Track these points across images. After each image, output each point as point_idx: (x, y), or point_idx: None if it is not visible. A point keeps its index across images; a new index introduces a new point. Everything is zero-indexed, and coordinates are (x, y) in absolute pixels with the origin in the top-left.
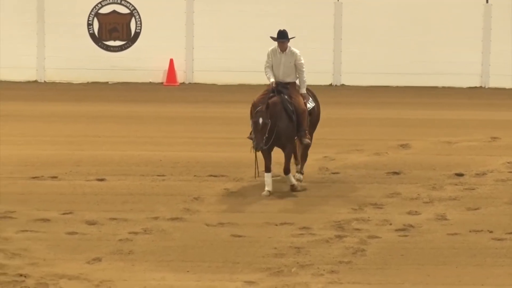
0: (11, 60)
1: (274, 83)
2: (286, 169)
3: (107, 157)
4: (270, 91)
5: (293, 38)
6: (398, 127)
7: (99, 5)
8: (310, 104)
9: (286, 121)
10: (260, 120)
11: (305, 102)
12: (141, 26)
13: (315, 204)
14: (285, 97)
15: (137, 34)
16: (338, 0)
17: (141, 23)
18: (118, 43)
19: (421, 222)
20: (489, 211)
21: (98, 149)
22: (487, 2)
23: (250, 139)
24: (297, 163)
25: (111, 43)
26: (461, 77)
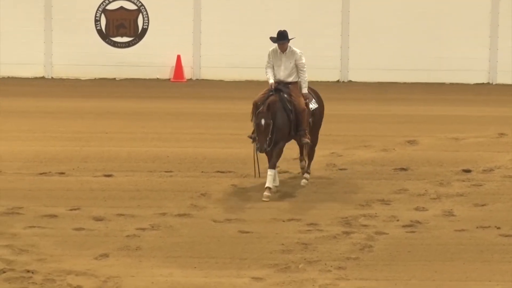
0: (18, 56)
1: (273, 85)
2: (272, 164)
3: (115, 153)
4: (270, 90)
5: (293, 38)
6: (406, 123)
7: (107, 1)
8: (313, 105)
9: (283, 119)
10: (263, 122)
11: (307, 102)
12: (148, 22)
13: (322, 200)
14: (284, 95)
15: (144, 31)
16: None
17: (148, 20)
18: (125, 39)
19: (428, 218)
20: (496, 207)
21: (105, 145)
22: None
23: (250, 138)
24: (301, 159)
25: (118, 39)
26: (468, 74)
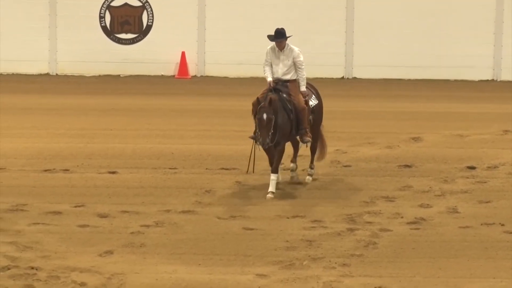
0: (23, 53)
1: (271, 83)
2: (274, 168)
3: (119, 150)
4: (268, 90)
5: (290, 36)
6: (410, 120)
7: None
8: (313, 102)
9: (283, 119)
10: (265, 116)
11: (307, 99)
12: (153, 19)
13: (326, 197)
14: (284, 95)
15: (149, 27)
16: None
17: (153, 16)
18: (130, 36)
19: (432, 215)
20: (500, 204)
21: (109, 142)
22: None
23: (252, 139)
24: (293, 161)
25: (123, 36)
26: (473, 70)
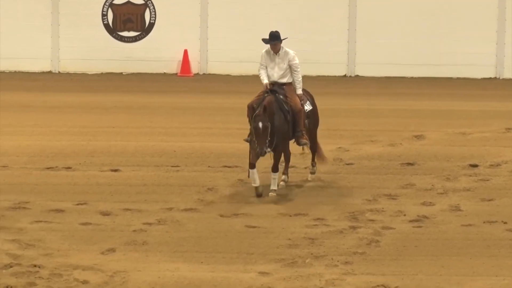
0: (25, 50)
1: (267, 85)
2: (274, 167)
3: (121, 148)
4: (265, 91)
5: (285, 39)
6: (413, 118)
7: None
8: (308, 107)
9: (280, 120)
10: (260, 125)
11: (302, 103)
12: (155, 17)
13: (329, 195)
14: (280, 97)
15: (151, 25)
16: None
17: (155, 14)
18: (132, 33)
19: (435, 213)
20: (503, 202)
21: (112, 140)
22: None
23: (246, 142)
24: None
25: (125, 33)
26: (475, 68)
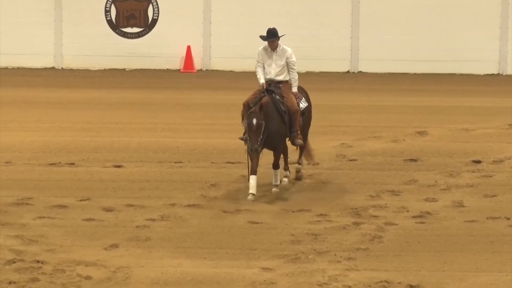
0: (29, 46)
1: (264, 84)
2: (275, 164)
3: (124, 144)
4: (261, 91)
5: (283, 36)
6: (416, 114)
7: None
8: (303, 104)
9: (277, 121)
10: (254, 121)
11: (298, 101)
12: (158, 13)
13: (332, 191)
14: (277, 97)
15: (154, 21)
16: None
17: (158, 10)
18: (135, 30)
19: (438, 209)
20: (506, 198)
21: (115, 136)
22: None
23: (241, 140)
24: (286, 168)
25: (128, 29)
26: (478, 64)
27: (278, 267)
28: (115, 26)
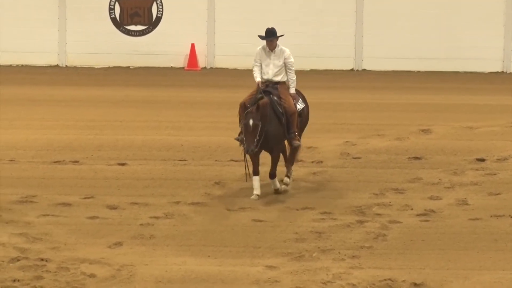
0: (32, 44)
1: (260, 84)
2: (272, 174)
3: (128, 142)
4: (258, 91)
5: (282, 36)
6: (420, 112)
7: None
8: (300, 105)
9: (275, 123)
10: (251, 122)
11: (295, 102)
12: (162, 11)
13: (336, 189)
14: (274, 98)
15: (158, 19)
16: None
17: (162, 8)
18: (139, 27)
19: (442, 207)
20: (510, 196)
21: (119, 134)
22: None
23: (237, 141)
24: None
25: (132, 27)
26: (482, 62)
27: (282, 265)
28: (119, 24)
